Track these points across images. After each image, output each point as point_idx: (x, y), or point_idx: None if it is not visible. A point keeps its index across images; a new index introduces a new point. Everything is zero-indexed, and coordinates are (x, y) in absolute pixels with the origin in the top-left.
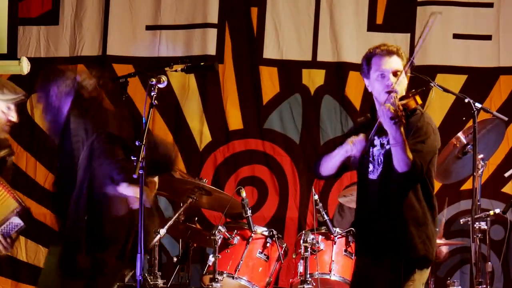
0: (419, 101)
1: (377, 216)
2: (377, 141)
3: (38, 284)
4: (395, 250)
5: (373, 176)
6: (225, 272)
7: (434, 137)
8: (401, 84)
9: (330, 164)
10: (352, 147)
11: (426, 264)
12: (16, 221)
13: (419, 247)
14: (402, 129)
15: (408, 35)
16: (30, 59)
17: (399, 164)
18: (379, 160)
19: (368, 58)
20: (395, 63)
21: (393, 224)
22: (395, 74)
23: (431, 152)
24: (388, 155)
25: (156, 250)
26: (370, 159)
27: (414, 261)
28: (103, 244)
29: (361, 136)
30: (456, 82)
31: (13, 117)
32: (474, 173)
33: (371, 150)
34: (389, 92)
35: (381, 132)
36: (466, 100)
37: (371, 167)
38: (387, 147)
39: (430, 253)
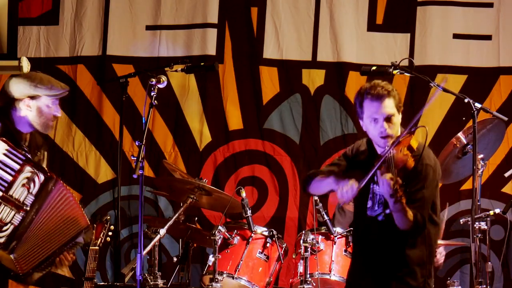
0: (415, 144)
1: (378, 252)
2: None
3: None
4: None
5: (372, 213)
6: (225, 272)
7: (433, 176)
8: (396, 125)
9: (319, 188)
10: (341, 194)
11: None
12: (79, 239)
13: (422, 286)
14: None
15: (408, 35)
16: (30, 59)
17: (400, 225)
18: (380, 200)
19: (360, 101)
20: (387, 107)
21: (396, 263)
22: (388, 118)
23: (432, 195)
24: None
25: (156, 250)
26: (370, 195)
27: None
28: None
29: (352, 183)
30: (456, 82)
31: (58, 112)
32: (474, 173)
33: (371, 186)
34: (384, 138)
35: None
36: (466, 100)
37: (370, 203)
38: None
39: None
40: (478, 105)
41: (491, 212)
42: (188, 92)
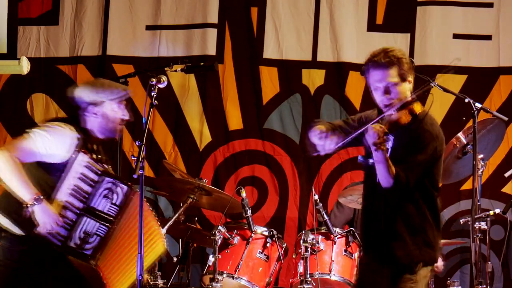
0: (418, 109)
1: (379, 220)
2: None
3: None
4: (391, 259)
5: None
6: (225, 272)
7: (433, 144)
8: (400, 93)
9: (312, 136)
10: (322, 144)
11: (425, 266)
12: None
13: (414, 254)
14: (384, 150)
15: (408, 35)
16: (30, 59)
17: (382, 180)
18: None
19: (366, 67)
20: (387, 76)
21: (389, 232)
22: (387, 88)
23: (426, 162)
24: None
25: None
26: None
27: (410, 268)
28: None
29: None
30: (456, 82)
31: (126, 115)
32: (474, 173)
33: None
34: (386, 106)
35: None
36: (466, 100)
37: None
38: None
39: (429, 257)
40: (478, 105)
41: (491, 212)
42: (188, 92)
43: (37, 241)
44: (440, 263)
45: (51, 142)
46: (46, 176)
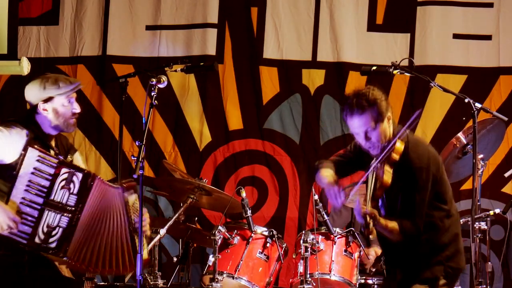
0: (399, 148)
1: (396, 248)
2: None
3: None
4: (414, 277)
5: (383, 211)
6: (225, 272)
7: (427, 173)
8: (380, 135)
9: (321, 183)
10: (331, 200)
11: (449, 278)
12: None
13: (436, 269)
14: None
15: (408, 35)
16: (30, 59)
17: (391, 239)
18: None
19: (343, 112)
20: (361, 124)
21: (408, 253)
22: (366, 134)
23: (426, 195)
24: (387, 196)
25: (156, 250)
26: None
27: (434, 281)
28: None
29: (341, 191)
30: (456, 82)
31: (76, 108)
32: (474, 173)
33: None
34: (368, 150)
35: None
36: (466, 100)
37: (380, 202)
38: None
39: (452, 271)
40: (478, 105)
41: (491, 212)
42: (188, 92)
43: (7, 243)
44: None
45: (1, 143)
46: (0, 178)
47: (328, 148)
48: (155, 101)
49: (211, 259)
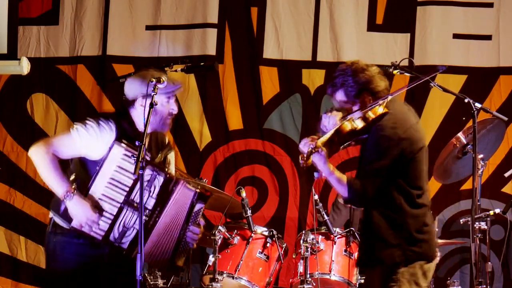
0: (378, 111)
1: (360, 225)
2: None
3: None
4: (372, 261)
5: None
6: (225, 272)
7: (394, 147)
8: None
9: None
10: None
11: (409, 263)
12: (198, 207)
13: (396, 254)
14: (327, 164)
15: (408, 35)
16: (30, 59)
17: (338, 192)
18: None
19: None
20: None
21: (366, 235)
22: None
23: (385, 166)
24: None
25: None
26: None
27: (394, 267)
28: None
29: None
30: (456, 82)
31: (174, 109)
32: (474, 173)
33: None
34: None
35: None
36: (466, 100)
37: None
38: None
39: (411, 255)
40: (478, 105)
41: (491, 212)
42: (188, 92)
43: (83, 236)
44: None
45: (90, 139)
46: (86, 171)
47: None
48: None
49: (211, 259)
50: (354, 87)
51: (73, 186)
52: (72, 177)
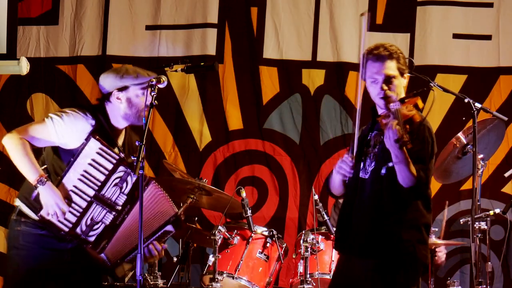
0: (421, 104)
1: (366, 214)
2: (372, 140)
3: None
4: (382, 250)
5: (364, 175)
6: (225, 272)
7: (433, 144)
8: (398, 87)
9: (335, 185)
10: (338, 170)
11: (414, 267)
12: (169, 228)
13: (409, 250)
14: (404, 148)
15: (408, 35)
16: (29, 59)
17: (404, 181)
18: (374, 157)
19: (363, 61)
20: (387, 68)
21: (384, 223)
22: (388, 80)
23: (432, 161)
24: (383, 151)
25: None
26: (362, 157)
27: (401, 263)
28: None
29: (346, 157)
30: (456, 82)
31: (150, 101)
32: (474, 173)
33: (365, 149)
34: (384, 98)
35: (375, 129)
36: (466, 100)
37: (362, 164)
38: (379, 146)
39: (420, 257)
40: (478, 105)
41: (491, 212)
42: (188, 92)
43: (48, 227)
44: (441, 249)
45: (64, 128)
46: (59, 161)
47: (328, 148)
48: (155, 101)
49: (211, 259)
50: (405, 62)
51: (46, 174)
52: (44, 166)
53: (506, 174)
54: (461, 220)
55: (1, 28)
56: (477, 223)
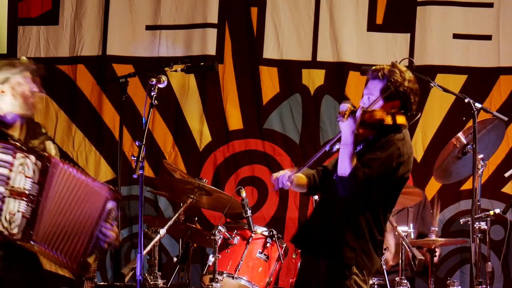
0: (401, 121)
1: (321, 217)
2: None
3: None
4: (328, 253)
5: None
6: (225, 272)
7: (392, 158)
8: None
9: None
10: (275, 180)
11: (360, 273)
12: (110, 205)
13: (349, 256)
14: (353, 134)
15: (408, 35)
16: (29, 59)
17: (340, 167)
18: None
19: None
20: (366, 88)
21: (332, 227)
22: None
23: (382, 169)
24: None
25: (156, 250)
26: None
27: (345, 267)
28: None
29: (285, 172)
30: (456, 82)
31: (34, 87)
32: (474, 173)
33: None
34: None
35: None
36: (466, 100)
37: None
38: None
39: (363, 265)
40: (478, 105)
41: (491, 212)
42: (188, 92)
43: None
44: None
45: None
46: None
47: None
48: (155, 101)
49: (211, 259)
50: (396, 90)
51: None
52: None
53: (506, 174)
54: (461, 220)
55: (1, 28)
56: (477, 223)
